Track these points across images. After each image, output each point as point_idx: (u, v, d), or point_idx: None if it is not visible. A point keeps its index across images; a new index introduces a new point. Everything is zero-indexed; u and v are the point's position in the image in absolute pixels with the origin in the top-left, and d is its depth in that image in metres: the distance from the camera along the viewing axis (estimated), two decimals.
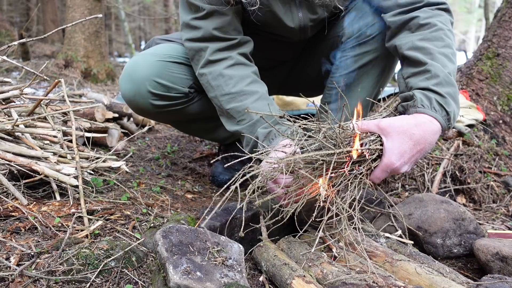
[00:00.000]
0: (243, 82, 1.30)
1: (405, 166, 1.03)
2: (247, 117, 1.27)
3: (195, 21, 1.31)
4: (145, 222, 1.24)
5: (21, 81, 3.95)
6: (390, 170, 1.03)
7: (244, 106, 1.27)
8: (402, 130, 1.01)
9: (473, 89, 2.13)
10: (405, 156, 1.01)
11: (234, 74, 1.30)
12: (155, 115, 1.56)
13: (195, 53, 1.35)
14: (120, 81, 1.46)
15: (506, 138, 1.97)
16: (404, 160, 1.02)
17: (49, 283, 0.84)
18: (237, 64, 1.32)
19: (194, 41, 1.33)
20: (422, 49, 1.13)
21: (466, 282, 0.89)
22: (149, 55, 1.45)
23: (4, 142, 1.28)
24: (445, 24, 1.17)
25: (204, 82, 1.35)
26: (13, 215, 1.12)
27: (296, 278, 0.87)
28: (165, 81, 1.41)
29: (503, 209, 1.63)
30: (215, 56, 1.31)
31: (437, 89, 1.07)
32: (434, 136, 1.04)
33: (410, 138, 1.01)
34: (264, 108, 1.25)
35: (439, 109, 1.05)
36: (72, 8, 5.40)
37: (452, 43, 1.16)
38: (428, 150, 1.05)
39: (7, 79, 1.66)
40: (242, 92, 1.29)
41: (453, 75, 1.10)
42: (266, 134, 1.23)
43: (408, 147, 1.01)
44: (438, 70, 1.08)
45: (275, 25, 1.39)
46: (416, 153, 1.03)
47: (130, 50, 12.81)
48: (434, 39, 1.14)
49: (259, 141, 1.21)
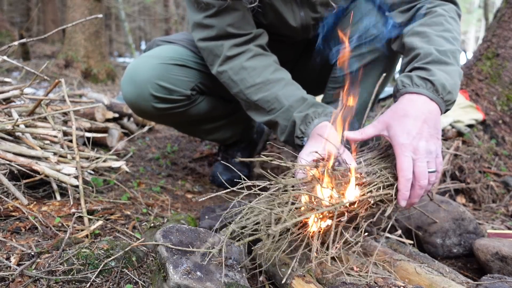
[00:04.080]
0: (267, 71, 1.27)
1: (421, 142, 0.94)
2: (277, 105, 1.23)
3: (208, 20, 1.28)
4: (145, 222, 1.24)
5: (22, 81, 3.96)
6: (411, 153, 0.94)
7: (273, 94, 1.24)
8: (396, 115, 0.98)
9: (472, 89, 2.13)
10: (412, 132, 0.94)
11: (257, 65, 1.27)
12: (157, 118, 1.55)
13: (210, 52, 1.32)
14: (122, 84, 1.46)
15: (506, 138, 1.97)
16: (414, 135, 0.94)
17: (49, 283, 0.84)
18: (257, 55, 1.30)
19: (209, 40, 1.30)
20: (420, 33, 1.09)
21: (466, 282, 0.89)
22: (151, 57, 1.44)
23: (4, 142, 1.28)
24: (448, 12, 1.13)
25: (226, 79, 1.32)
26: (13, 215, 1.12)
27: (296, 278, 0.87)
28: (167, 83, 1.41)
29: (503, 209, 1.63)
30: (233, 51, 1.28)
31: (421, 65, 1.02)
32: (428, 106, 0.97)
33: (405, 115, 0.96)
34: (294, 93, 1.23)
35: (421, 82, 0.99)
36: (72, 8, 5.41)
37: (453, 28, 1.10)
38: (434, 120, 0.96)
39: (8, 79, 1.66)
40: (268, 81, 1.26)
41: (451, 54, 1.03)
42: (303, 118, 1.18)
43: (410, 123, 0.95)
44: (429, 51, 1.03)
45: (278, 24, 1.39)
46: (422, 125, 0.95)
47: (130, 50, 12.81)
48: (433, 24, 1.10)
49: (296, 126, 1.18)
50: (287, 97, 1.22)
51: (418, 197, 0.95)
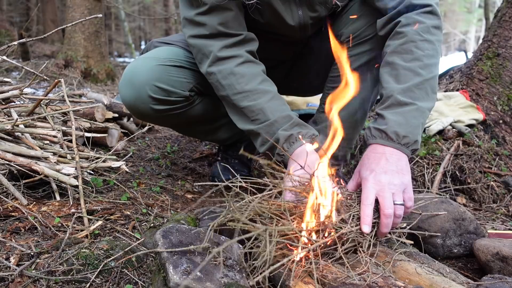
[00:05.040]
0: (255, 80, 1.29)
1: (383, 175, 1.02)
2: (262, 117, 1.26)
3: (199, 17, 1.28)
4: (145, 222, 1.24)
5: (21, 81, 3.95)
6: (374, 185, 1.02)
7: (259, 105, 1.26)
8: (363, 163, 1.10)
9: (473, 89, 2.13)
10: (373, 168, 1.04)
11: (246, 72, 1.29)
12: (156, 120, 1.55)
13: (199, 50, 1.33)
14: (120, 87, 1.45)
15: (506, 138, 1.97)
16: (375, 170, 1.03)
17: (49, 283, 0.84)
18: (247, 61, 1.31)
19: (199, 37, 1.31)
20: (390, 64, 1.17)
21: (466, 282, 0.89)
22: (148, 59, 1.43)
23: (4, 142, 1.28)
24: (421, 34, 1.16)
25: (214, 81, 1.33)
26: (13, 215, 1.12)
27: (295, 278, 0.86)
28: (165, 85, 1.40)
29: (503, 209, 1.63)
30: (223, 53, 1.29)
31: (379, 111, 1.13)
32: (387, 150, 1.07)
33: (369, 160, 1.08)
34: (280, 108, 1.26)
35: (377, 133, 1.10)
36: (72, 8, 5.40)
37: (423, 55, 1.15)
38: (395, 160, 1.05)
39: (7, 79, 1.66)
40: (255, 90, 1.27)
41: (415, 88, 1.11)
42: (287, 137, 1.22)
43: (372, 163, 1.06)
44: (390, 93, 1.12)
45: (275, 23, 1.39)
46: (383, 163, 1.05)
47: (130, 50, 12.81)
48: (403, 52, 1.16)
49: (279, 144, 1.22)
50: (273, 111, 1.25)
51: (387, 227, 1.00)
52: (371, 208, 0.99)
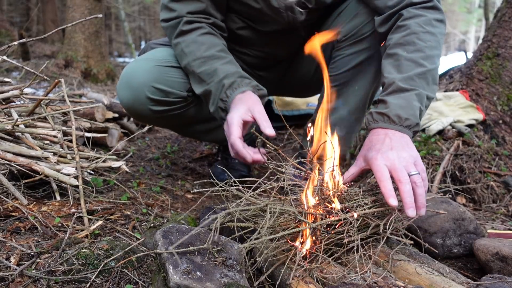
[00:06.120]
0: (214, 48, 1.35)
1: (391, 151, 1.02)
2: (215, 77, 1.31)
3: (171, 3, 1.38)
4: (145, 222, 1.24)
5: (21, 81, 3.96)
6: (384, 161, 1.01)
7: (213, 67, 1.31)
8: (366, 147, 1.09)
9: (473, 89, 2.13)
10: (379, 148, 1.04)
11: (207, 41, 1.36)
12: (155, 121, 1.55)
13: (171, 30, 1.40)
14: (118, 89, 1.45)
15: (506, 138, 1.97)
16: (381, 149, 1.03)
17: (49, 283, 0.84)
18: (209, 33, 1.38)
19: (169, 20, 1.39)
20: (392, 56, 1.17)
21: (466, 282, 0.89)
22: (146, 60, 1.44)
23: (4, 142, 1.28)
24: (423, 26, 1.17)
25: (179, 51, 1.40)
26: (13, 215, 1.12)
27: (296, 278, 0.87)
28: (163, 86, 1.40)
29: (503, 209, 1.63)
30: (188, 27, 1.37)
31: (381, 97, 1.12)
32: (389, 132, 1.07)
33: (372, 143, 1.07)
34: (233, 69, 1.31)
35: (379, 117, 1.10)
36: (72, 8, 5.40)
37: (425, 46, 1.15)
38: (399, 138, 1.05)
39: (7, 79, 1.66)
40: (213, 56, 1.34)
41: (416, 77, 1.11)
42: (230, 83, 1.27)
43: (377, 145, 1.05)
44: (392, 81, 1.12)
45: (258, 7, 1.39)
46: (388, 141, 1.04)
47: (130, 50, 12.82)
48: (406, 43, 1.16)
49: (223, 90, 1.26)
50: (225, 71, 1.30)
51: (410, 195, 0.96)
52: (389, 182, 0.97)
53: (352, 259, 0.94)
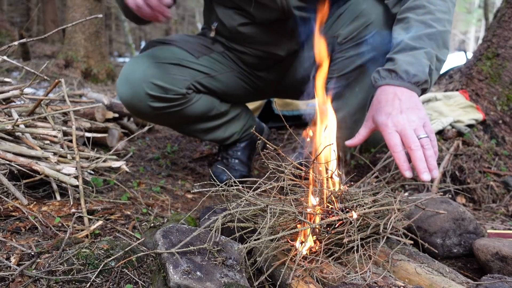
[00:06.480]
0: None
1: (400, 115, 1.02)
2: None
3: None
4: (145, 222, 1.24)
5: (22, 81, 3.96)
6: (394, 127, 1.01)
7: None
8: (374, 107, 1.08)
9: (473, 89, 2.13)
10: (388, 110, 1.04)
11: None
12: (154, 118, 1.55)
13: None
14: (117, 85, 1.46)
15: (506, 138, 1.97)
16: (391, 112, 1.03)
17: (49, 283, 0.84)
18: None
19: None
20: (402, 20, 1.16)
21: (466, 282, 0.89)
22: (145, 57, 1.45)
23: (4, 142, 1.28)
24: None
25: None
26: (13, 215, 1.12)
27: (296, 278, 0.87)
28: (162, 82, 1.41)
29: (503, 209, 1.63)
30: None
31: (390, 56, 1.11)
32: (397, 90, 1.06)
33: (380, 103, 1.06)
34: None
35: (387, 74, 1.08)
36: (72, 8, 5.40)
37: (435, 9, 1.14)
38: (407, 97, 1.05)
39: (8, 79, 1.66)
40: None
41: (426, 37, 1.10)
42: None
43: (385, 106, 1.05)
44: (399, 40, 1.11)
45: None
46: (396, 103, 1.04)
47: (130, 50, 12.82)
48: (415, 7, 1.15)
49: None
50: None
51: (421, 160, 0.98)
52: (403, 153, 0.99)
53: (352, 259, 0.95)
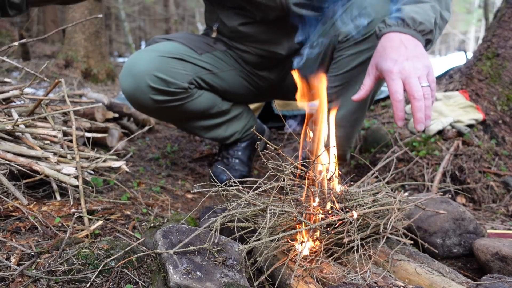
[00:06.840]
0: None
1: (405, 62, 1.03)
2: None
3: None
4: (145, 222, 1.24)
5: (22, 81, 3.95)
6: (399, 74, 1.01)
7: None
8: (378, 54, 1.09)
9: (473, 89, 2.13)
10: (394, 57, 1.04)
11: None
12: (155, 111, 1.57)
13: None
14: (120, 77, 1.48)
15: (506, 138, 1.97)
16: (396, 59, 1.03)
17: (49, 283, 0.84)
18: None
19: None
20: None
21: (466, 282, 0.89)
22: (149, 51, 1.47)
23: (4, 142, 1.28)
24: None
25: None
26: (13, 215, 1.12)
27: (296, 278, 0.87)
28: (165, 75, 1.43)
29: (503, 209, 1.63)
30: None
31: (397, 7, 1.13)
32: (403, 37, 1.07)
33: (385, 49, 1.07)
34: None
35: (393, 22, 1.10)
36: (72, 8, 5.40)
37: None
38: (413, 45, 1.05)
39: (8, 79, 1.66)
40: None
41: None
42: None
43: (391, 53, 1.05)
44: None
45: None
46: (402, 50, 1.04)
47: (130, 50, 12.81)
48: None
49: None
50: None
51: (420, 110, 0.99)
52: (403, 102, 1.00)
53: (352, 259, 0.95)
